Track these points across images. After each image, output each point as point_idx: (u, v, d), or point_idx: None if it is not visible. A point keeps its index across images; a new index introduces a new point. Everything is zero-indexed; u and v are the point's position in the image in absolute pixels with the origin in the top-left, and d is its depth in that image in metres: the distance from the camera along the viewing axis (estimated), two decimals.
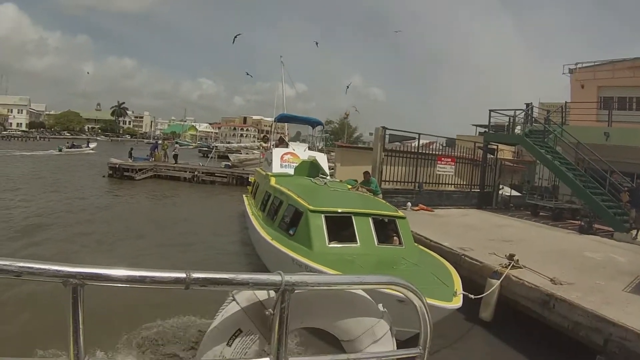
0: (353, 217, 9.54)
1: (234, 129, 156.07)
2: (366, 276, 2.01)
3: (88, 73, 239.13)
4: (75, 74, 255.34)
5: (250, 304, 2.01)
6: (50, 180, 28.33)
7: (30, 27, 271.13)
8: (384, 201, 12.12)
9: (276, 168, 16.54)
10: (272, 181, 13.58)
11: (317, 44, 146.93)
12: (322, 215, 9.50)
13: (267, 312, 1.94)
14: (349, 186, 13.65)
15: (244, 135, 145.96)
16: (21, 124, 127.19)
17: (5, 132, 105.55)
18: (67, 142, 64.32)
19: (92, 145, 63.18)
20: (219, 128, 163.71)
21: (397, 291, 2.01)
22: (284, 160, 16.98)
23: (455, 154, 23.28)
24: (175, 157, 38.62)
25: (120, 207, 21.16)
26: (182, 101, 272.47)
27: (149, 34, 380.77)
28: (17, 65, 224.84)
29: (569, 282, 8.93)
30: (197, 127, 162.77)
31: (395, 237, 9.82)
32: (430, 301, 6.32)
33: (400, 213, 10.48)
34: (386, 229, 9.92)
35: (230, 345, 1.98)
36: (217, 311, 2.10)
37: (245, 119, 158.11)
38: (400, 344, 5.92)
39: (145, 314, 8.05)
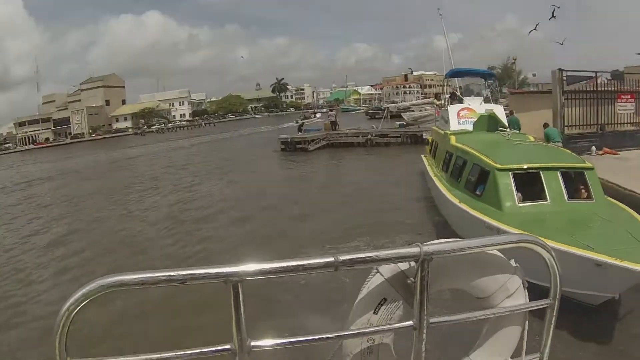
0: (541, 172, 9.40)
1: (397, 87, 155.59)
2: (497, 237, 2.23)
3: (242, 57, 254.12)
4: (230, 61, 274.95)
5: (394, 275, 2.26)
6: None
7: (177, 28, 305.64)
8: (568, 151, 11.52)
9: (454, 125, 16.73)
10: (452, 140, 13.90)
11: None
12: (510, 173, 9.52)
13: (409, 281, 2.14)
14: (531, 137, 13.58)
15: (407, 92, 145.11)
16: (184, 114, 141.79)
17: (170, 124, 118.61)
18: (301, 116, 67.31)
19: (318, 115, 65.90)
20: (381, 89, 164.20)
21: (526, 247, 2.11)
22: (461, 116, 17.12)
23: (627, 88, 21.49)
24: (333, 124, 38.79)
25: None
26: (341, 68, 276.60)
27: (293, 11, 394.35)
28: (172, 64, 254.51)
29: None
30: (359, 90, 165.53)
31: (584, 191, 9.44)
32: (627, 264, 6.08)
33: (589, 164, 9.97)
34: (574, 182, 9.59)
35: (376, 313, 2.25)
36: (363, 284, 2.37)
37: (406, 76, 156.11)
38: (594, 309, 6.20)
39: (297, 300, 9.13)
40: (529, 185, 9.49)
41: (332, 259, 1.78)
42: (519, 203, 9.23)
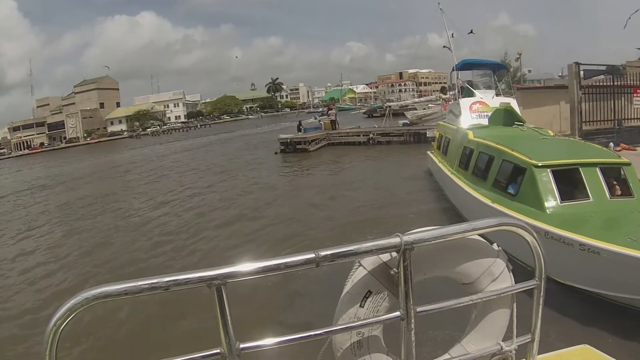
0: (580, 168, 8.66)
1: (392, 85, 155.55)
2: (477, 222, 2.11)
3: (237, 57, 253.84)
4: (224, 61, 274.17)
5: (376, 267, 2.24)
6: None
7: (172, 30, 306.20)
8: (599, 146, 10.80)
9: (466, 120, 15.95)
10: (470, 135, 13.12)
11: None
12: (549, 169, 8.73)
13: (392, 272, 2.16)
14: (551, 132, 12.78)
15: (402, 90, 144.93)
16: (179, 116, 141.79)
17: (165, 127, 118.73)
18: (319, 113, 67.49)
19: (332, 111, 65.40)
20: (377, 87, 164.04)
21: (507, 230, 2.11)
22: (473, 110, 16.32)
23: (629, 83, 20.64)
24: (333, 123, 38.89)
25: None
26: (335, 67, 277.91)
27: (286, 12, 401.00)
28: (167, 65, 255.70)
29: None
30: (354, 89, 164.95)
31: (621, 188, 8.76)
32: None
33: (626, 159, 9.22)
34: (610, 179, 8.82)
35: (363, 307, 2.23)
36: (346, 278, 2.34)
37: (401, 74, 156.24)
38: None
39: (280, 299, 9.01)
40: (567, 183, 8.73)
41: (312, 255, 1.82)
42: (561, 202, 8.41)
